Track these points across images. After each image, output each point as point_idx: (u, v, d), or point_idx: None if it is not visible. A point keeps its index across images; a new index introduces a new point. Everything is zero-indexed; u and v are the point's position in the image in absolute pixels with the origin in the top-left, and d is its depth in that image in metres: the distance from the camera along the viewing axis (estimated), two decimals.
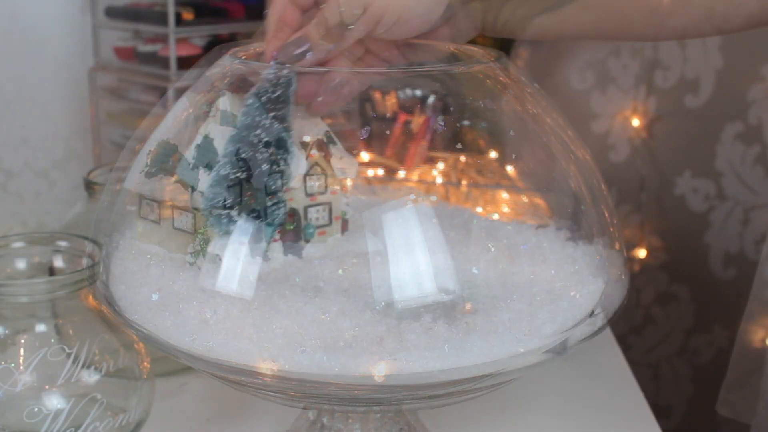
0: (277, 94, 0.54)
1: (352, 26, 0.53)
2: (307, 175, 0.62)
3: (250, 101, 0.55)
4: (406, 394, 0.51)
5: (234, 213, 0.53)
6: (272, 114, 0.54)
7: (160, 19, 1.10)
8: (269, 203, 0.55)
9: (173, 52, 1.10)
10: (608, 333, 0.93)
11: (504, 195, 0.72)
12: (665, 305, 1.54)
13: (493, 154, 0.66)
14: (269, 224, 0.55)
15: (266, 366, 0.50)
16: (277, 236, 0.61)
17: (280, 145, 0.54)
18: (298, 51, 0.54)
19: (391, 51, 0.58)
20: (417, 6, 0.53)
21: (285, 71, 0.55)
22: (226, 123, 0.58)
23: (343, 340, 0.51)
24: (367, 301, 0.55)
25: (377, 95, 0.73)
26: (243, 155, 0.54)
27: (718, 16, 0.55)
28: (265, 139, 0.54)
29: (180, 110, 0.62)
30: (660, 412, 1.52)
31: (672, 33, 0.56)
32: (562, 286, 0.57)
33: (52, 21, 1.23)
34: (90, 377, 0.66)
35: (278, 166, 0.54)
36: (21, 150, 1.26)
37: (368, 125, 0.69)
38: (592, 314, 0.55)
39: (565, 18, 0.55)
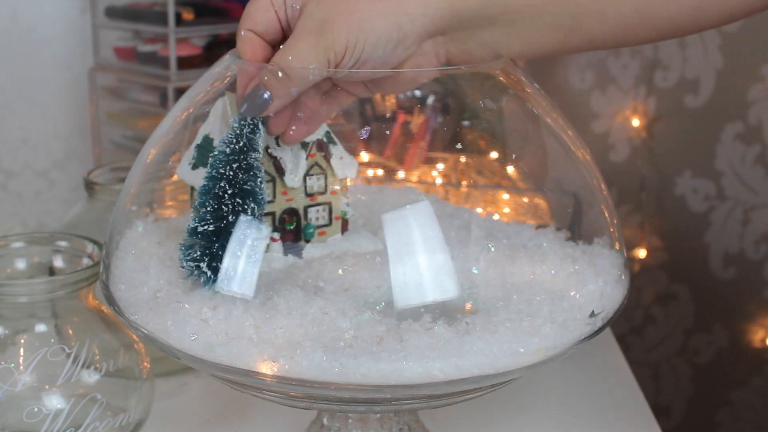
0: (242, 143, 0.54)
1: (313, 66, 0.52)
2: (307, 175, 0.62)
3: (216, 153, 0.54)
4: (406, 394, 0.51)
5: (203, 266, 0.53)
6: (236, 165, 0.54)
7: (160, 19, 1.10)
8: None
9: (173, 52, 1.10)
10: (608, 333, 0.93)
11: (504, 195, 0.72)
12: (665, 305, 1.54)
13: (493, 155, 0.66)
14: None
15: (265, 366, 0.50)
16: (277, 236, 0.61)
17: (247, 194, 0.54)
18: (260, 101, 0.53)
19: (356, 85, 0.58)
20: (375, 48, 0.53)
21: (249, 120, 0.54)
22: (226, 124, 0.58)
23: (343, 340, 0.51)
24: (367, 301, 0.55)
25: (377, 95, 0.73)
26: (209, 208, 0.54)
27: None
28: (230, 191, 0.54)
29: (180, 110, 0.62)
30: (660, 412, 1.53)
31: (669, 34, 0.56)
32: (562, 287, 0.57)
33: (52, 21, 1.23)
34: (90, 377, 0.66)
35: (246, 215, 0.54)
36: (21, 150, 1.26)
37: (368, 125, 0.69)
38: (592, 314, 0.55)
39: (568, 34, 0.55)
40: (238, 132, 0.54)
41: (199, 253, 0.53)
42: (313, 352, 0.50)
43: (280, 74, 0.53)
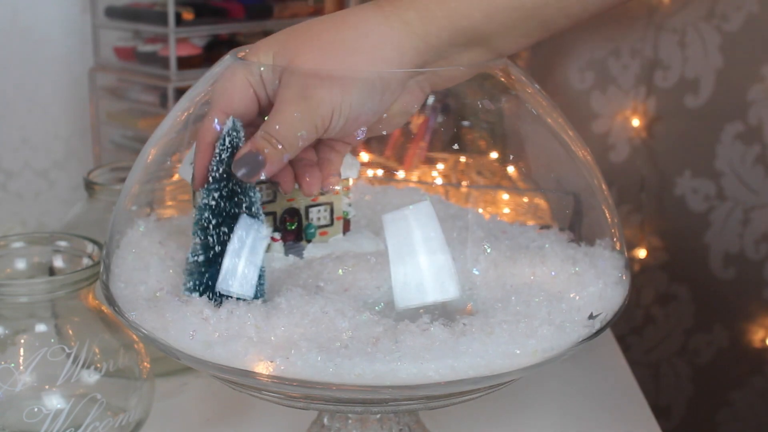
0: (221, 170, 0.53)
1: (302, 133, 0.52)
2: None
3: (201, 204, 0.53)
4: (402, 395, 0.51)
5: (196, 295, 0.53)
6: (217, 194, 0.53)
7: (160, 19, 1.10)
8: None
9: (173, 52, 1.10)
10: (608, 333, 0.93)
11: (504, 195, 0.72)
12: (665, 305, 1.54)
13: (493, 155, 0.66)
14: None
15: (261, 366, 0.50)
16: (278, 236, 0.61)
17: (234, 222, 0.53)
18: (251, 167, 0.52)
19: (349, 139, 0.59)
20: (363, 103, 0.53)
21: (227, 143, 0.53)
22: None
23: (340, 341, 0.51)
24: (367, 301, 0.55)
25: None
26: (197, 240, 0.53)
27: None
28: (213, 222, 0.53)
29: (180, 110, 0.62)
30: (660, 412, 1.53)
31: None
32: (562, 288, 0.57)
33: (52, 21, 1.23)
34: (90, 377, 0.66)
35: (226, 243, 0.53)
36: (21, 150, 1.26)
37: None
38: (590, 316, 0.55)
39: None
40: (218, 158, 0.53)
41: (192, 284, 0.53)
42: (308, 352, 0.50)
43: (272, 141, 0.52)
